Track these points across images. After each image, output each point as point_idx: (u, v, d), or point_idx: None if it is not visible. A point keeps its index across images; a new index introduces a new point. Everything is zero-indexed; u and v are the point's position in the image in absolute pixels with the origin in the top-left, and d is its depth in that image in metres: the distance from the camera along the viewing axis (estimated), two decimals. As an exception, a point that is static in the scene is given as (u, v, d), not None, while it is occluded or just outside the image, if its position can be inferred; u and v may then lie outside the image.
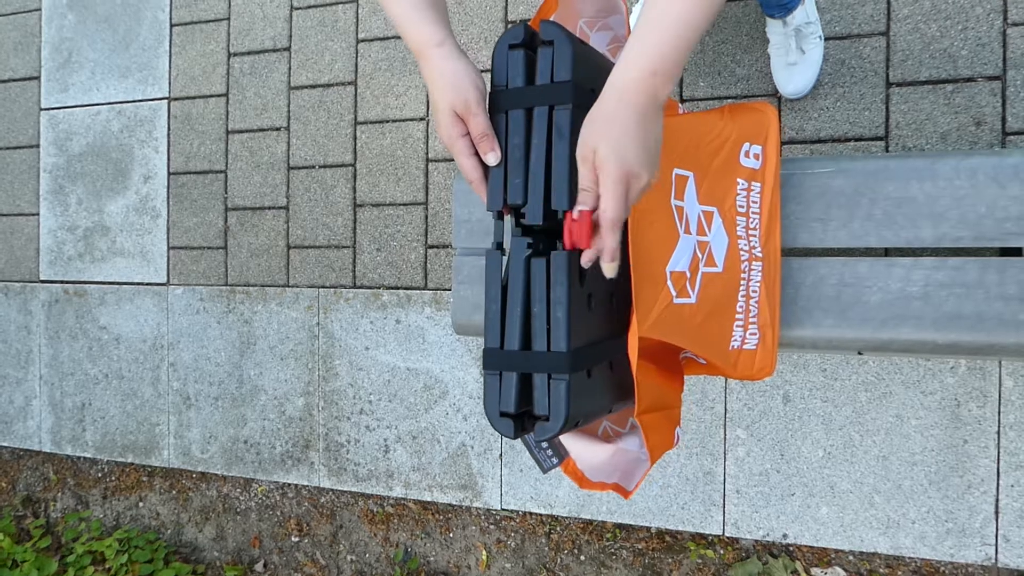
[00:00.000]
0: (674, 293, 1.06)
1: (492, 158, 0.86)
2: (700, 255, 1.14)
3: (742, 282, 1.23)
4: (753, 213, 1.26)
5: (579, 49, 0.87)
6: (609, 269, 0.83)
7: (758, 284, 1.25)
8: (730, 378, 1.24)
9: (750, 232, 1.25)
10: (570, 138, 0.84)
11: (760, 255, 1.26)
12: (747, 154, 1.25)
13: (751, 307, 1.24)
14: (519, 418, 0.88)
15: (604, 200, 0.78)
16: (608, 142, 0.77)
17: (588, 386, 0.89)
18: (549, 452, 1.05)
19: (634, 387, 0.97)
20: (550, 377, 0.85)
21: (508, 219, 0.91)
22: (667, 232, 1.06)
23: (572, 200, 0.84)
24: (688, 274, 1.10)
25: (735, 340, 1.22)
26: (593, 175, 0.79)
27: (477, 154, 0.87)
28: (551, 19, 1.03)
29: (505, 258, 0.90)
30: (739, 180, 1.24)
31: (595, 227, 0.81)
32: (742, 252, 1.23)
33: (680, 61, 0.78)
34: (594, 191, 0.79)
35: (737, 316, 1.22)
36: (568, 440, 1.09)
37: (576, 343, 0.86)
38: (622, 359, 0.97)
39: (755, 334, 1.24)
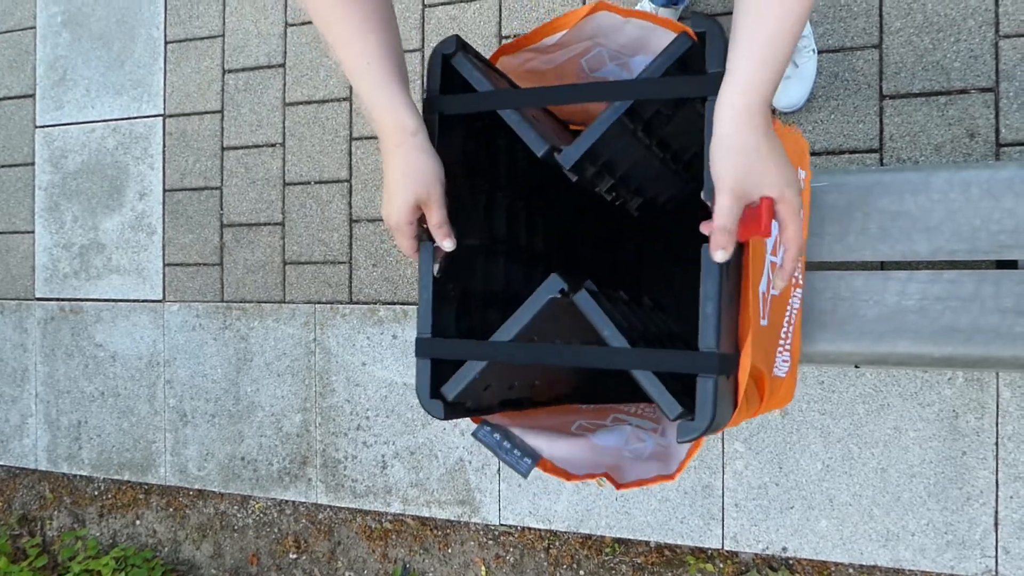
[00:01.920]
0: (761, 314, 1.04)
1: (448, 244, 0.91)
2: (772, 276, 1.12)
3: (788, 307, 1.21)
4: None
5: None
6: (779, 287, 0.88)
7: (796, 310, 1.23)
8: (752, 416, 1.20)
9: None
10: None
11: (801, 281, 1.25)
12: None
13: (789, 332, 1.22)
14: (452, 407, 0.94)
15: (787, 230, 0.81)
16: (766, 186, 0.78)
17: (727, 390, 0.89)
18: (517, 454, 1.03)
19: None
20: (696, 375, 0.85)
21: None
22: (761, 250, 1.04)
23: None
24: (764, 295, 1.08)
25: (776, 367, 1.19)
26: (737, 201, 0.79)
27: (417, 238, 0.92)
28: (568, 30, 1.02)
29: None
30: None
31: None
32: (793, 276, 1.21)
33: (780, 74, 0.78)
34: (734, 213, 0.80)
35: (780, 341, 1.19)
36: (534, 439, 1.07)
37: (724, 347, 0.85)
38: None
39: (787, 360, 1.21)
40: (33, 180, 2.82)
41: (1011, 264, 1.28)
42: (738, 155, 0.78)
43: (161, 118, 2.63)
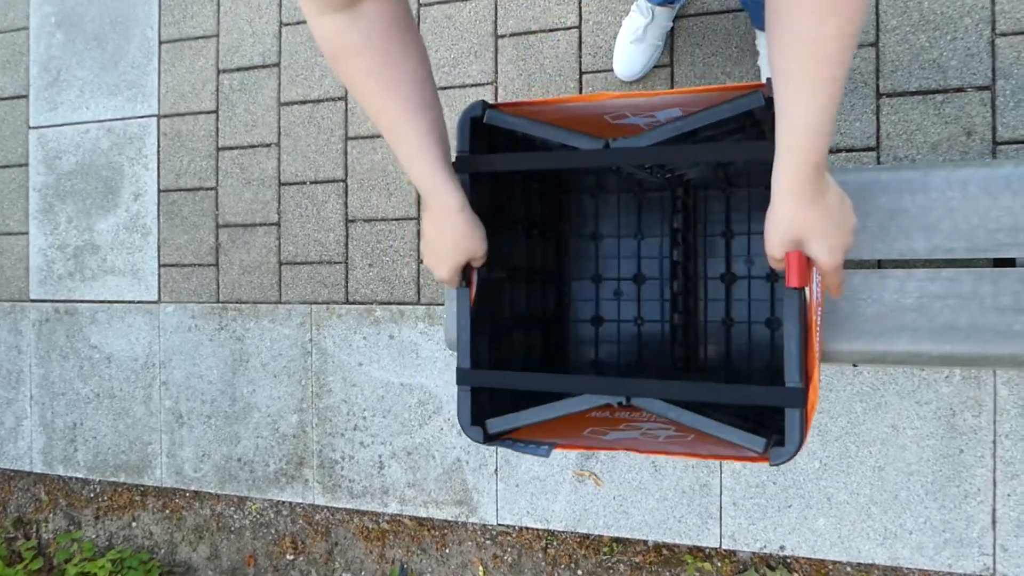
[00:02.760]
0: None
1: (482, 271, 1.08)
2: (817, 297, 1.11)
3: (817, 327, 1.19)
4: None
5: None
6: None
7: (819, 327, 1.21)
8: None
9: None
10: None
11: (820, 299, 1.22)
12: None
13: (816, 348, 1.20)
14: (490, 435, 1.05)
15: (828, 280, 0.91)
16: (815, 246, 0.87)
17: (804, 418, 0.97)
18: (533, 446, 1.09)
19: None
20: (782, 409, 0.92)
21: None
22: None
23: None
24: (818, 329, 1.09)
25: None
26: (774, 264, 0.91)
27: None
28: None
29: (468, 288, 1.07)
30: None
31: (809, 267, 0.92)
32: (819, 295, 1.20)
33: (830, 136, 0.82)
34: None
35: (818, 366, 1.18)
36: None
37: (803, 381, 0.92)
38: None
39: (819, 378, 1.20)
40: (27, 181, 2.81)
41: (1009, 262, 1.27)
42: (780, 228, 0.87)
43: (156, 118, 2.63)
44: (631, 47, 1.98)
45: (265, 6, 2.48)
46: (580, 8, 2.13)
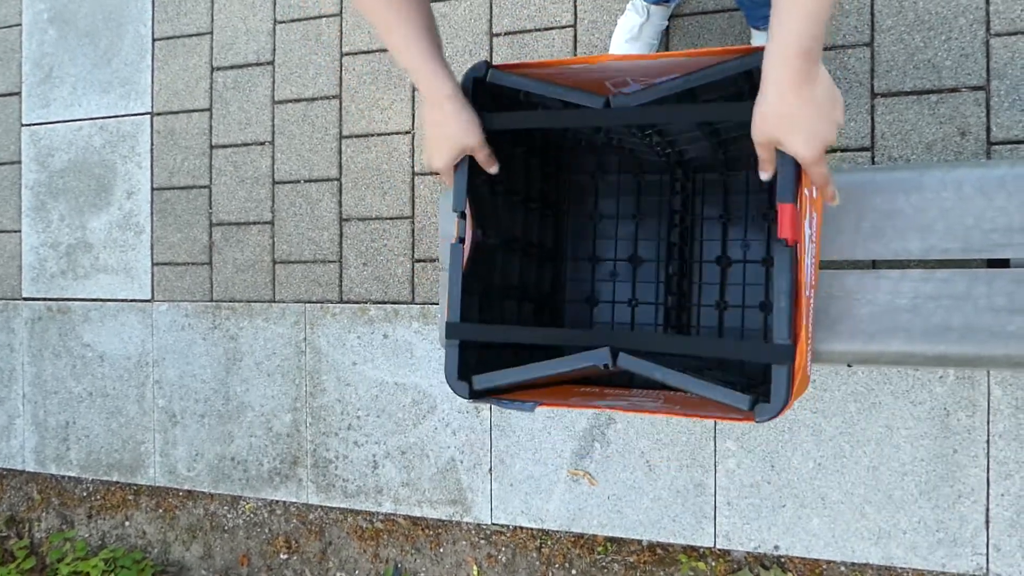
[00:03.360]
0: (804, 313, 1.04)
1: (494, 169, 1.10)
2: (810, 269, 1.11)
3: (811, 302, 1.18)
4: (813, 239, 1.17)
5: None
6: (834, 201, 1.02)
7: (811, 309, 1.20)
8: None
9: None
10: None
11: (814, 283, 1.21)
12: None
13: (810, 327, 1.19)
14: (476, 392, 1.06)
15: (812, 175, 0.93)
16: (794, 137, 0.88)
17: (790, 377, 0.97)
18: (518, 404, 1.10)
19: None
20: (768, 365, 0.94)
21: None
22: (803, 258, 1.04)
23: (792, 196, 0.93)
24: (807, 298, 1.07)
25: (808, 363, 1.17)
26: (772, 154, 0.93)
27: (454, 169, 1.10)
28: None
29: (465, 249, 1.08)
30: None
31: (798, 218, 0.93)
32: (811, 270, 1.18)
33: (824, 27, 0.84)
34: (773, 164, 0.94)
35: (808, 339, 1.17)
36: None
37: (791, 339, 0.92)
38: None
39: (811, 357, 1.19)
40: (19, 179, 2.80)
41: (1003, 263, 1.27)
42: (761, 114, 0.90)
43: (149, 116, 2.61)
44: (626, 46, 1.98)
45: (259, 3, 2.47)
46: (575, 7, 2.12)
